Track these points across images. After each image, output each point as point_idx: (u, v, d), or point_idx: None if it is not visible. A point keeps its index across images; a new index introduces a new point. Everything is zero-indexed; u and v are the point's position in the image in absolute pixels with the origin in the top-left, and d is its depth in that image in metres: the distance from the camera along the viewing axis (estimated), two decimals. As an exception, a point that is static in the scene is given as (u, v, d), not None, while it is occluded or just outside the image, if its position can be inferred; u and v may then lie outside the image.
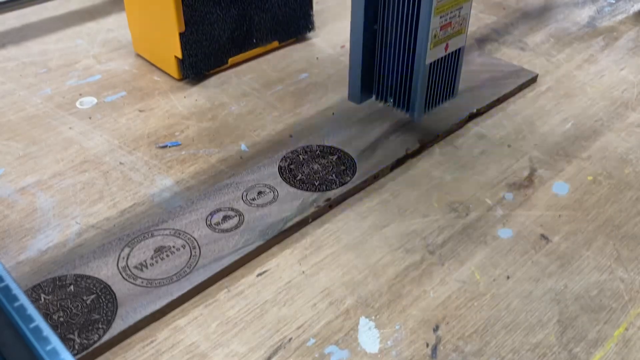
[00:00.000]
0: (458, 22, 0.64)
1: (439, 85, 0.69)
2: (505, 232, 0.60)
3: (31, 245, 0.58)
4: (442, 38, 0.64)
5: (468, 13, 0.65)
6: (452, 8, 0.63)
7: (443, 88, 0.70)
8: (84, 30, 0.98)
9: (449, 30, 0.64)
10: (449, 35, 0.65)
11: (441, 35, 0.63)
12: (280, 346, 0.49)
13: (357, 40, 0.67)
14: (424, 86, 0.66)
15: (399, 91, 0.68)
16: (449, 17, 0.63)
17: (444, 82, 0.69)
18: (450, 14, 0.63)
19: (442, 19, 0.62)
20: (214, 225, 0.58)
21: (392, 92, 0.69)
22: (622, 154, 0.70)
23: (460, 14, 0.64)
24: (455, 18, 0.64)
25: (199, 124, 0.75)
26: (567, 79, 0.85)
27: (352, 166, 0.66)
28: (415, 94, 0.67)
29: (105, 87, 0.82)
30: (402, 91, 0.68)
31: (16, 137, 0.73)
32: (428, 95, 0.68)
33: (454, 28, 0.64)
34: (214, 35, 0.82)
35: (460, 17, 0.64)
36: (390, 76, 0.68)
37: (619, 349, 0.49)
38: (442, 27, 0.63)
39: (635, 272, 0.56)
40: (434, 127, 0.72)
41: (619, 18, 1.02)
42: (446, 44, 0.65)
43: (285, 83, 0.84)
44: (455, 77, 0.70)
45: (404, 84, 0.68)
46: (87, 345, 0.48)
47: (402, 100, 0.69)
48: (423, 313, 0.52)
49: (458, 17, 0.64)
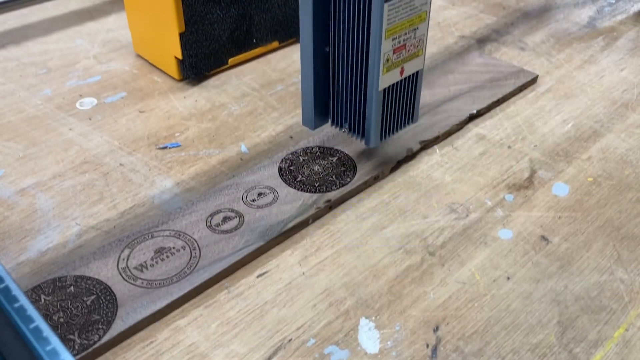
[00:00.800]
0: (414, 44, 0.60)
1: (396, 111, 0.64)
2: (506, 233, 0.60)
3: (31, 246, 0.58)
4: (396, 62, 0.59)
5: (425, 34, 0.60)
6: (405, 29, 0.58)
7: (401, 114, 0.65)
8: (84, 31, 0.98)
9: (403, 53, 0.59)
10: (404, 58, 0.60)
11: (395, 59, 0.59)
12: (280, 346, 0.49)
13: (307, 63, 0.62)
14: (378, 113, 0.62)
15: (353, 117, 0.64)
16: (403, 39, 0.58)
17: (402, 107, 0.65)
18: (404, 36, 0.58)
19: (395, 41, 0.58)
20: (214, 227, 0.59)
21: (347, 118, 0.65)
22: (622, 155, 0.71)
23: (415, 36, 0.59)
24: (411, 40, 0.59)
25: (199, 124, 0.75)
26: (567, 79, 0.85)
27: (353, 167, 0.66)
28: (370, 120, 0.62)
29: (106, 88, 0.83)
30: (356, 117, 0.64)
31: (16, 138, 0.73)
32: (384, 121, 0.64)
33: (409, 51, 0.60)
34: (214, 36, 0.82)
35: (416, 39, 0.60)
36: (344, 101, 0.64)
37: (619, 349, 0.49)
38: (395, 50, 0.58)
39: (635, 273, 0.56)
40: (434, 128, 0.72)
41: (619, 18, 1.02)
42: (401, 68, 0.60)
43: (286, 83, 0.84)
44: (413, 102, 0.65)
45: (359, 110, 0.63)
46: (87, 346, 0.48)
47: (358, 126, 0.64)
48: (423, 314, 0.52)
49: (414, 39, 0.59)
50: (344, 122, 0.66)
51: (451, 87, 0.80)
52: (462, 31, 0.98)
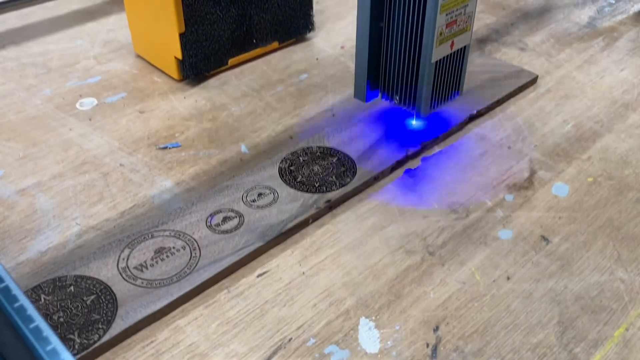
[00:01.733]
0: (463, 20, 0.64)
1: (445, 83, 0.69)
2: (506, 233, 0.60)
3: (31, 246, 0.58)
4: (448, 36, 0.63)
5: (473, 11, 0.65)
6: (457, 6, 0.63)
7: (449, 86, 0.70)
8: (85, 31, 0.98)
9: (454, 28, 0.64)
10: (455, 33, 0.64)
11: (447, 33, 0.63)
12: (280, 346, 0.49)
13: (363, 38, 0.67)
14: (429, 84, 0.66)
15: (404, 89, 0.69)
16: (455, 14, 0.63)
17: (450, 80, 0.69)
18: (456, 12, 0.63)
19: (448, 16, 0.62)
20: (214, 227, 0.59)
21: (398, 89, 0.69)
22: (622, 155, 0.71)
23: (465, 12, 0.64)
24: (461, 16, 0.63)
25: (199, 125, 0.75)
26: (567, 79, 0.85)
27: (352, 167, 0.66)
28: (421, 92, 0.67)
29: (106, 88, 0.83)
30: (408, 89, 0.68)
31: (16, 138, 0.73)
32: (434, 93, 0.68)
33: (459, 26, 0.64)
34: (214, 36, 0.82)
35: (466, 15, 0.64)
36: (396, 74, 0.68)
37: (619, 349, 0.49)
38: (447, 24, 0.63)
39: (635, 273, 0.56)
40: (434, 127, 0.72)
41: (619, 18, 1.02)
42: (452, 42, 0.65)
43: (286, 84, 0.84)
44: (460, 75, 0.70)
45: (410, 82, 0.68)
46: (87, 346, 0.48)
47: (408, 97, 0.69)
48: (423, 313, 0.52)
49: (463, 15, 0.64)
50: (394, 94, 0.70)
51: (451, 87, 0.80)
52: (462, 31, 0.98)
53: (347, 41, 0.95)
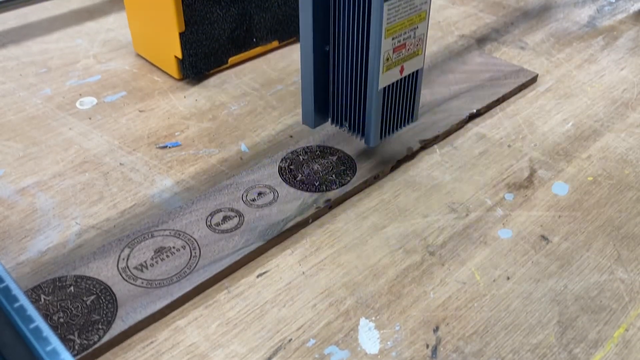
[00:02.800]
0: (414, 44, 0.60)
1: (396, 109, 0.65)
2: (505, 233, 0.60)
3: (31, 246, 0.58)
4: (396, 61, 0.59)
5: (424, 33, 0.61)
6: (405, 29, 0.58)
7: (400, 113, 0.65)
8: (84, 30, 0.98)
9: (403, 52, 0.60)
10: (404, 57, 0.60)
11: (394, 58, 0.59)
12: (280, 347, 0.49)
13: (307, 62, 0.63)
14: (378, 112, 0.62)
15: (353, 116, 0.64)
16: (403, 38, 0.59)
17: (401, 106, 0.65)
18: (404, 35, 0.59)
19: (395, 40, 0.58)
20: (214, 226, 0.59)
21: (346, 116, 0.65)
22: (622, 154, 0.71)
23: (415, 35, 0.60)
24: (410, 39, 0.59)
25: (199, 124, 0.75)
26: (567, 78, 0.85)
27: (352, 166, 0.66)
28: (369, 119, 0.62)
29: (106, 87, 0.82)
30: (357, 116, 0.64)
31: (16, 137, 0.73)
32: (384, 120, 0.64)
33: (409, 50, 0.60)
34: (214, 35, 0.82)
35: (416, 38, 0.60)
36: (344, 100, 0.64)
37: (619, 349, 0.49)
38: (395, 49, 0.58)
39: (635, 273, 0.56)
40: (434, 127, 0.72)
41: (619, 17, 1.02)
42: (401, 67, 0.61)
43: (286, 83, 0.84)
44: (413, 101, 0.66)
45: (359, 109, 0.63)
46: (87, 346, 0.48)
47: (357, 125, 0.64)
48: (423, 314, 0.52)
49: (413, 38, 0.60)
50: (343, 121, 0.66)
51: (451, 87, 0.80)
52: (462, 30, 0.98)
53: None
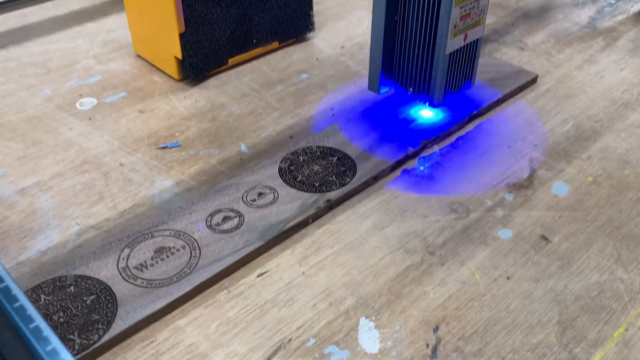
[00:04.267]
0: (477, 13, 0.66)
1: (458, 74, 0.71)
2: (506, 233, 0.60)
3: (31, 246, 0.58)
4: (462, 28, 0.66)
5: (486, 5, 0.67)
6: None
7: (461, 77, 0.72)
8: (84, 31, 0.98)
9: (468, 21, 0.66)
10: (468, 26, 0.66)
11: (461, 26, 0.65)
12: (280, 346, 0.49)
13: (378, 31, 0.69)
14: (443, 75, 0.68)
15: (418, 80, 0.71)
16: (469, 8, 0.65)
17: (462, 71, 0.71)
18: (470, 5, 0.65)
19: (462, 9, 0.64)
20: (214, 226, 0.58)
21: (411, 80, 0.71)
22: (622, 155, 0.71)
23: (478, 6, 0.66)
24: (474, 9, 0.66)
25: (199, 124, 0.75)
26: (567, 79, 0.85)
27: (352, 167, 0.66)
28: (434, 83, 0.69)
29: (106, 88, 0.83)
30: (421, 80, 0.70)
31: (16, 137, 0.73)
32: (447, 84, 0.70)
33: (472, 19, 0.66)
34: (214, 36, 0.82)
35: (479, 9, 0.66)
36: (410, 65, 0.70)
37: (619, 349, 0.49)
38: (461, 17, 0.65)
39: (635, 273, 0.56)
40: (434, 127, 0.72)
41: (619, 18, 1.02)
42: (465, 34, 0.67)
43: (286, 84, 0.84)
44: (473, 67, 0.72)
45: (424, 73, 0.70)
46: (87, 346, 0.48)
47: (422, 88, 0.71)
48: (423, 313, 0.52)
49: (477, 9, 0.66)
50: (408, 86, 0.72)
51: (451, 87, 0.80)
52: (462, 31, 0.98)
53: (347, 41, 0.95)
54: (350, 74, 0.86)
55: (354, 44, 0.94)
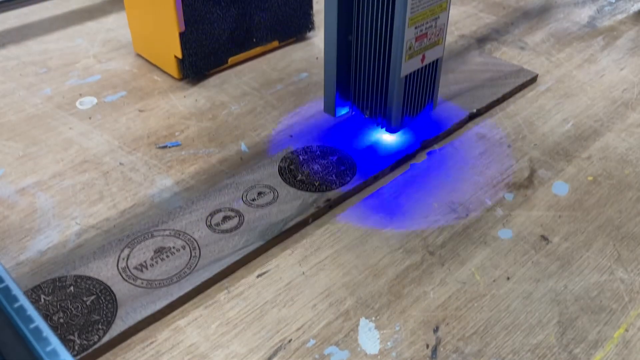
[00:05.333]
0: (434, 33, 0.62)
1: (416, 97, 0.66)
2: (505, 233, 0.60)
3: (31, 246, 0.58)
4: (418, 50, 0.61)
5: (445, 23, 0.63)
6: (427, 18, 0.60)
7: (420, 100, 0.67)
8: (84, 30, 0.97)
9: (425, 41, 0.61)
10: (425, 46, 0.62)
11: (416, 47, 0.61)
12: (280, 347, 0.49)
13: (331, 51, 0.65)
14: (399, 99, 0.64)
15: (375, 103, 0.66)
16: (425, 27, 0.61)
17: (421, 94, 0.67)
18: (426, 25, 0.61)
19: (417, 29, 0.60)
20: (214, 226, 0.58)
21: (368, 103, 0.67)
22: (622, 154, 0.70)
23: (436, 25, 0.61)
24: (432, 29, 0.61)
25: (199, 124, 0.75)
26: (567, 78, 0.85)
27: (352, 167, 0.66)
28: (391, 106, 0.64)
29: (105, 87, 0.82)
30: (378, 103, 0.66)
31: (16, 137, 0.73)
32: (404, 107, 0.66)
33: (430, 39, 0.62)
34: (214, 35, 0.82)
35: (437, 28, 0.62)
36: (366, 88, 0.66)
37: (619, 350, 0.49)
38: (417, 38, 0.60)
39: (635, 273, 0.56)
40: (434, 127, 0.72)
41: (619, 18, 1.02)
42: (422, 56, 0.63)
43: (285, 83, 0.84)
44: (433, 89, 0.68)
45: (380, 96, 0.65)
46: (87, 346, 0.48)
47: (379, 112, 0.66)
48: (423, 314, 0.52)
49: (434, 28, 0.61)
50: (364, 109, 0.68)
51: (451, 86, 0.80)
52: (462, 30, 0.98)
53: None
54: (350, 73, 0.86)
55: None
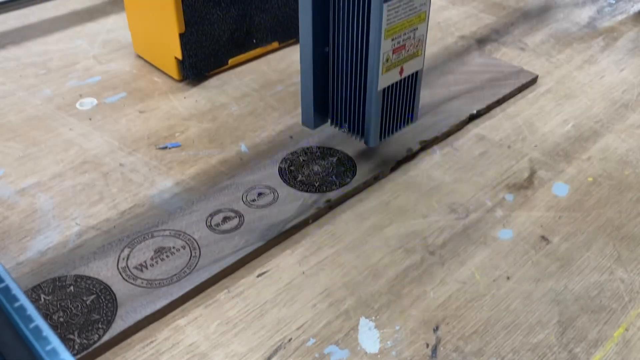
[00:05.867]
0: (413, 45, 0.60)
1: (396, 110, 0.65)
2: (506, 233, 0.60)
3: (31, 246, 0.58)
4: (396, 62, 0.60)
5: (424, 34, 0.61)
6: (405, 30, 0.59)
7: (400, 113, 0.66)
8: (84, 31, 0.98)
9: (403, 53, 0.60)
10: (404, 58, 0.60)
11: (394, 59, 0.59)
12: (280, 346, 0.49)
13: (306, 63, 0.63)
14: (377, 113, 0.62)
15: (353, 117, 0.65)
16: (403, 39, 0.59)
17: (401, 107, 0.65)
18: (404, 36, 0.59)
19: (395, 41, 0.58)
20: (214, 226, 0.58)
21: (346, 117, 0.66)
22: (622, 155, 0.71)
23: (415, 36, 0.60)
24: (410, 40, 0.60)
25: (199, 125, 0.75)
26: (567, 79, 0.85)
27: (352, 167, 0.66)
28: (369, 120, 0.63)
29: (106, 88, 0.83)
30: (356, 117, 0.64)
31: (16, 138, 0.73)
32: (383, 121, 0.64)
33: (408, 51, 0.60)
34: (214, 36, 0.82)
35: (416, 39, 0.60)
36: (343, 101, 0.65)
37: (619, 349, 0.49)
38: (394, 50, 0.59)
39: (635, 273, 0.56)
40: (434, 128, 0.72)
41: (619, 18, 1.02)
42: (401, 68, 0.61)
43: (286, 84, 0.84)
44: (413, 102, 0.66)
45: (358, 110, 0.64)
46: (87, 346, 0.48)
47: (357, 126, 0.65)
48: (423, 313, 0.52)
49: (413, 39, 0.60)
50: (343, 122, 0.66)
51: (451, 87, 0.80)
52: (462, 31, 0.98)
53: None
54: (350, 74, 0.86)
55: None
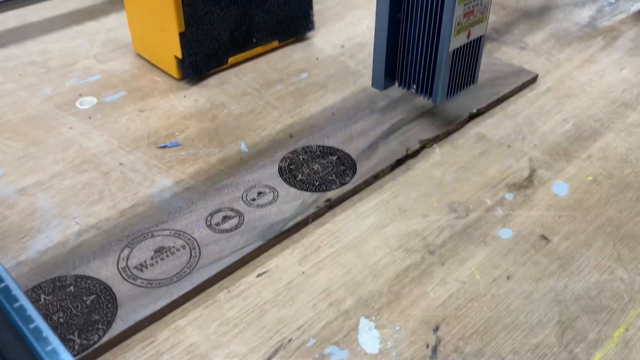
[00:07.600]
0: (480, 11, 0.67)
1: (461, 72, 0.71)
2: (506, 233, 0.60)
3: (31, 246, 0.58)
4: (465, 26, 0.66)
5: (489, 2, 0.68)
6: None
7: (465, 75, 0.72)
8: (84, 30, 0.97)
9: (471, 18, 0.66)
10: (471, 23, 0.67)
11: (464, 23, 0.65)
12: (280, 347, 0.49)
13: (381, 29, 0.70)
14: (446, 73, 0.68)
15: (422, 78, 0.71)
16: (472, 5, 0.65)
17: (466, 69, 0.72)
18: (473, 2, 0.65)
19: (466, 7, 0.64)
20: (214, 226, 0.58)
21: (415, 78, 0.72)
22: (622, 154, 0.70)
23: (482, 3, 0.66)
24: (478, 6, 0.66)
25: (199, 124, 0.75)
26: (567, 78, 0.85)
27: (352, 166, 0.66)
28: (438, 80, 0.69)
29: (105, 87, 0.82)
30: (425, 78, 0.70)
31: (16, 137, 0.73)
32: (450, 82, 0.70)
33: (476, 16, 0.67)
34: (214, 35, 0.82)
35: (482, 6, 0.66)
36: (413, 63, 0.71)
37: (619, 349, 0.49)
38: (465, 14, 0.65)
39: (635, 273, 0.56)
40: (433, 127, 0.72)
41: (619, 18, 1.02)
42: (468, 32, 0.67)
43: (285, 83, 0.84)
44: (476, 65, 0.72)
45: (427, 71, 0.70)
46: (87, 346, 0.48)
47: (425, 86, 0.71)
48: (423, 313, 0.52)
49: (480, 6, 0.66)
50: (411, 83, 0.72)
51: (451, 87, 0.80)
52: (462, 30, 0.98)
53: (347, 41, 0.94)
54: (351, 73, 0.86)
55: (354, 43, 0.94)
